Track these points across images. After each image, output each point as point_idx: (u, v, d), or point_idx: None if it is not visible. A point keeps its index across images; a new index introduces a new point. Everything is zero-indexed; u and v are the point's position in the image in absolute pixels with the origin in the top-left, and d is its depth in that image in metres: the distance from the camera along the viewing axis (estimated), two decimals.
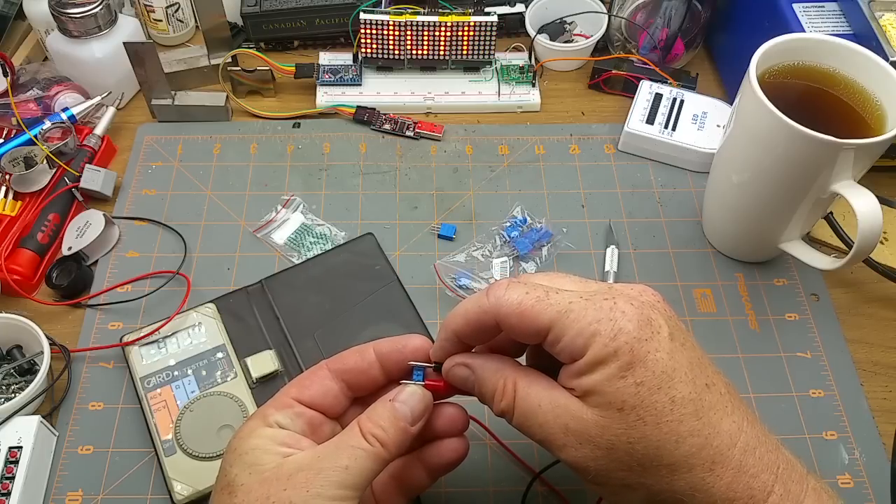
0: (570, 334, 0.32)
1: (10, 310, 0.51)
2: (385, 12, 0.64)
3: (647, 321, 0.32)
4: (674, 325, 0.33)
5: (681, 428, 0.32)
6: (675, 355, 0.32)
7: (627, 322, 0.32)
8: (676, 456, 0.32)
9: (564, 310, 0.33)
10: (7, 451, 0.44)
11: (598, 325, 0.32)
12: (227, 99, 0.64)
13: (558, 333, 0.33)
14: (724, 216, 0.55)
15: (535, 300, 0.33)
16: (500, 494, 0.45)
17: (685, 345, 0.33)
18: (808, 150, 0.44)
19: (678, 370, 0.32)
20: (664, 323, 0.33)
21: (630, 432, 0.32)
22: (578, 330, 0.32)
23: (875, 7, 0.55)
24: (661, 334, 0.32)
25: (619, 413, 0.32)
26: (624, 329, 0.32)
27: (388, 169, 0.62)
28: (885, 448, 0.47)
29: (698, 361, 0.33)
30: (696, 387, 0.32)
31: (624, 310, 0.33)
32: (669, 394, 0.32)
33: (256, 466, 0.33)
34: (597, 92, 0.68)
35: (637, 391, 0.32)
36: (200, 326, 0.50)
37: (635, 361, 0.32)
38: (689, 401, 0.32)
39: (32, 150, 0.58)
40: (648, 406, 0.31)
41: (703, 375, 0.33)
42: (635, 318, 0.32)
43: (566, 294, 0.34)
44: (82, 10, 0.61)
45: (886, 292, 0.55)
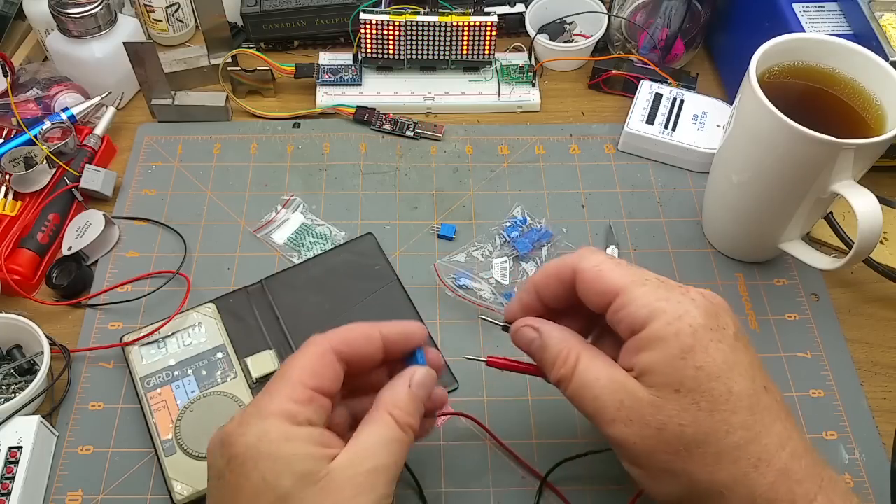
0: (637, 304, 0.33)
1: (10, 310, 0.51)
2: (385, 12, 0.64)
3: (714, 314, 0.33)
4: (739, 328, 0.34)
5: (733, 419, 0.32)
6: (737, 352, 0.33)
7: (695, 308, 0.33)
8: (724, 445, 0.32)
9: (638, 282, 0.34)
10: (7, 451, 0.44)
11: (666, 304, 0.33)
12: (227, 99, 0.64)
13: (625, 300, 0.34)
14: (724, 216, 0.55)
15: (614, 265, 0.35)
16: (500, 494, 0.45)
17: (748, 348, 0.34)
18: (808, 150, 0.44)
19: (739, 364, 0.33)
20: (731, 322, 0.34)
21: (683, 415, 0.32)
22: (645, 302, 0.33)
23: (875, 7, 0.55)
24: (727, 330, 0.33)
25: (675, 394, 0.32)
26: (690, 313, 0.33)
27: (388, 169, 0.62)
28: (885, 448, 0.47)
29: (759, 365, 0.34)
30: (755, 385, 0.33)
31: (695, 298, 0.34)
32: (728, 384, 0.32)
33: (311, 476, 0.31)
34: (597, 92, 0.68)
35: (696, 374, 0.32)
36: (200, 326, 0.50)
37: (697, 346, 0.32)
38: (745, 395, 0.32)
39: (32, 150, 0.58)
40: (705, 391, 0.32)
41: (762, 378, 0.34)
42: (703, 308, 0.33)
43: (646, 272, 0.35)
44: (82, 10, 0.61)
45: (886, 292, 0.55)
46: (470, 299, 0.52)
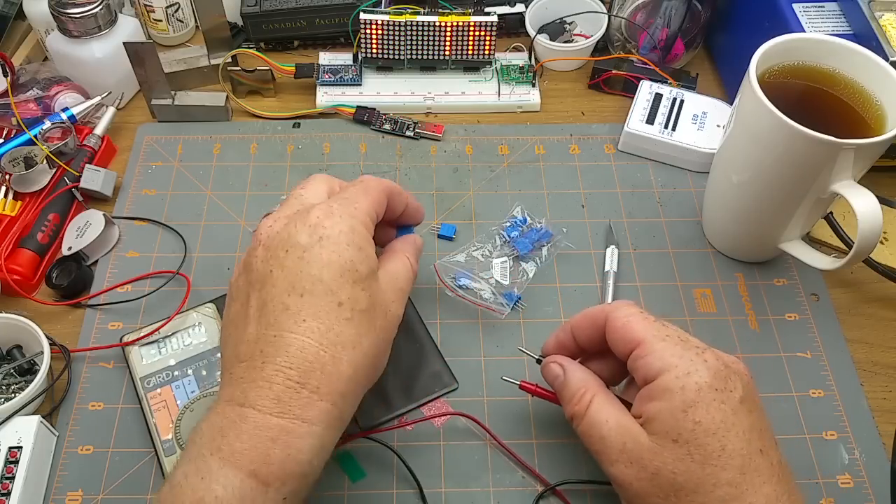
0: (653, 356, 0.37)
1: (10, 310, 0.51)
2: (385, 12, 0.64)
3: (724, 377, 0.36)
4: (749, 395, 0.37)
5: (722, 474, 0.35)
6: (738, 414, 0.36)
7: (705, 369, 0.36)
8: (711, 497, 0.35)
9: (659, 336, 0.38)
10: (7, 451, 0.44)
11: (679, 360, 0.36)
12: (227, 99, 0.64)
13: (644, 351, 0.37)
14: (724, 216, 0.55)
15: (641, 318, 0.39)
16: (500, 494, 0.45)
17: (753, 412, 0.36)
18: (808, 150, 0.44)
19: (737, 426, 0.35)
20: (741, 387, 0.36)
21: (677, 463, 0.35)
22: (661, 356, 0.37)
23: (875, 7, 0.55)
24: (733, 393, 0.36)
25: (672, 444, 0.35)
26: (699, 372, 0.36)
27: (388, 169, 0.62)
28: (885, 448, 0.47)
29: (760, 429, 0.36)
30: (750, 447, 0.35)
31: (707, 359, 0.37)
32: (722, 442, 0.35)
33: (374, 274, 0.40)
34: (597, 92, 0.68)
35: (693, 428, 0.35)
36: (200, 326, 0.50)
37: (699, 402, 0.35)
38: (738, 455, 0.35)
39: (32, 150, 0.58)
40: (700, 445, 0.35)
41: (759, 441, 0.36)
42: (713, 369, 0.36)
43: (671, 329, 0.39)
44: (82, 10, 0.61)
45: (886, 292, 0.55)
46: (470, 299, 0.52)
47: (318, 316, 0.37)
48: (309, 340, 0.36)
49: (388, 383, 0.48)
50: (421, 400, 0.48)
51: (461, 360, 0.51)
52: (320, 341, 0.37)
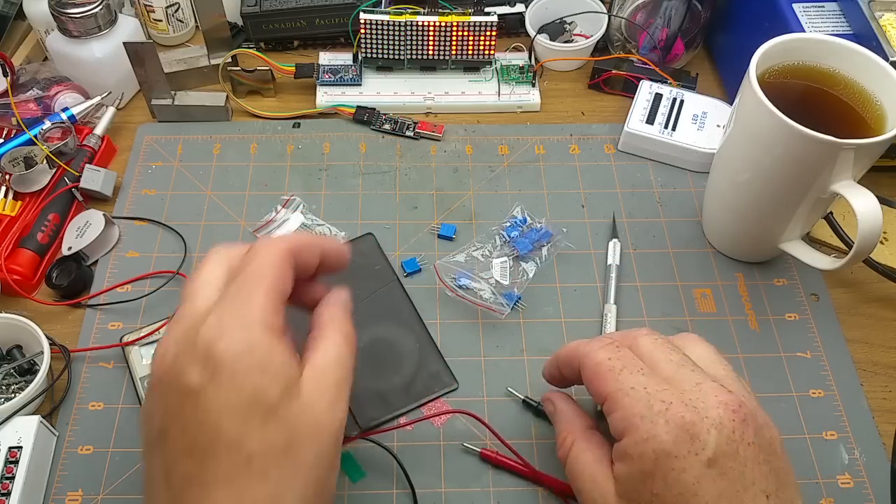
0: (617, 415, 0.34)
1: (10, 310, 0.51)
2: (385, 12, 0.64)
3: (689, 437, 0.32)
4: (725, 451, 0.32)
5: None
6: (702, 481, 0.32)
7: (666, 433, 0.32)
8: None
9: (624, 391, 0.35)
10: (7, 451, 0.44)
11: (640, 421, 0.33)
12: (227, 99, 0.64)
13: (609, 407, 0.35)
14: (724, 216, 0.55)
15: (608, 369, 0.36)
16: (500, 494, 0.45)
17: (726, 475, 0.32)
18: (808, 150, 0.44)
19: (699, 497, 0.32)
20: (713, 444, 0.32)
21: None
22: (623, 415, 0.34)
23: (875, 7, 0.55)
24: (699, 456, 0.32)
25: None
26: (658, 437, 0.32)
27: (388, 169, 0.62)
28: (885, 448, 0.47)
29: (734, 493, 0.32)
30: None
31: (670, 418, 0.33)
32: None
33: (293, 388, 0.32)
34: (597, 92, 0.68)
35: (650, 499, 0.33)
36: None
37: (656, 473, 0.32)
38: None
39: (32, 150, 0.58)
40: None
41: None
42: (675, 430, 0.32)
43: (640, 378, 0.35)
44: (82, 10, 0.61)
45: (886, 292, 0.55)
46: (470, 299, 0.52)
47: (227, 482, 0.30)
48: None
49: (388, 383, 0.49)
50: (421, 399, 0.48)
51: (461, 359, 0.51)
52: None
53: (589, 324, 0.53)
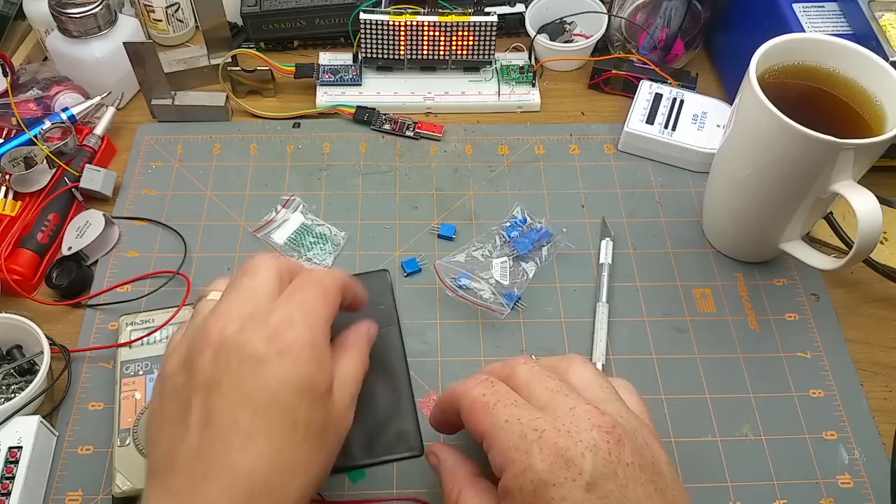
0: (494, 451, 0.33)
1: (10, 310, 0.51)
2: (385, 12, 0.64)
3: (565, 463, 0.31)
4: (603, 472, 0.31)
5: None
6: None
7: (541, 461, 0.31)
8: None
9: (498, 425, 0.34)
10: (7, 451, 0.44)
11: (515, 454, 0.32)
12: (227, 99, 0.64)
13: (488, 445, 0.34)
14: (724, 216, 0.55)
15: (482, 405, 0.35)
16: None
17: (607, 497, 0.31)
18: (808, 150, 0.44)
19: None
20: (590, 468, 0.31)
21: None
22: (500, 450, 0.33)
23: (875, 7, 0.55)
24: (577, 481, 0.31)
25: None
26: (534, 467, 0.31)
27: (388, 169, 0.62)
28: (885, 448, 0.47)
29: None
30: None
31: (544, 446, 0.32)
32: None
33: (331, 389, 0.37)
34: (597, 92, 0.68)
35: None
36: None
37: None
38: None
39: (32, 150, 0.58)
40: None
41: None
42: (551, 457, 0.31)
43: (512, 411, 0.34)
44: (82, 10, 0.61)
45: (886, 292, 0.55)
46: (470, 299, 0.52)
47: (270, 437, 0.34)
48: (259, 463, 0.33)
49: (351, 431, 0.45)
50: (381, 458, 0.46)
51: (461, 359, 0.51)
52: (271, 465, 0.34)
53: (589, 324, 0.53)
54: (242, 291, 0.38)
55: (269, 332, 0.35)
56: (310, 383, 0.35)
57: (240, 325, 0.36)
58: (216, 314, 0.37)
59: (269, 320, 0.36)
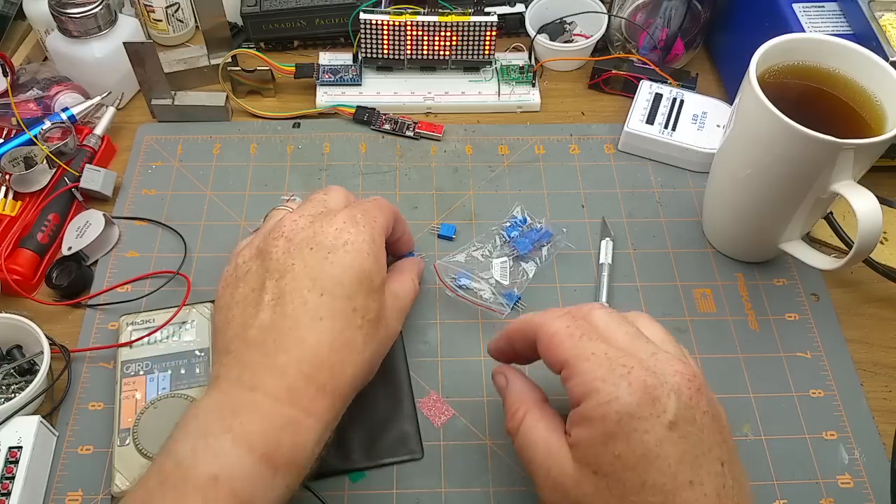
0: (576, 380, 0.34)
1: (10, 310, 0.51)
2: (385, 12, 0.64)
3: (651, 400, 0.33)
4: (684, 416, 0.33)
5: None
6: (664, 443, 0.32)
7: (629, 395, 0.33)
8: None
9: (583, 356, 0.35)
10: (7, 451, 0.44)
11: (602, 384, 0.33)
12: (227, 99, 0.64)
13: (569, 373, 0.35)
14: (724, 216, 0.55)
15: (567, 336, 0.36)
16: (500, 494, 0.45)
17: (686, 438, 0.33)
18: (808, 150, 0.44)
19: (661, 458, 0.32)
20: (672, 410, 0.33)
21: (596, 496, 0.33)
22: (584, 380, 0.34)
23: (875, 7, 0.55)
24: (661, 418, 0.32)
25: (593, 475, 0.33)
26: (621, 398, 0.33)
27: (388, 169, 0.62)
28: (885, 448, 0.47)
29: (694, 458, 0.33)
30: (676, 481, 0.32)
31: (633, 381, 0.33)
32: (642, 477, 0.32)
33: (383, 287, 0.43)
34: (597, 92, 0.68)
35: (612, 462, 0.33)
36: (193, 324, 0.50)
37: (619, 433, 0.32)
38: (660, 490, 0.32)
39: (32, 150, 0.58)
40: (619, 480, 0.33)
41: (690, 472, 0.33)
42: (640, 392, 0.33)
43: (599, 345, 0.35)
44: (82, 10, 0.61)
45: (886, 292, 0.55)
46: (470, 299, 0.52)
47: (334, 317, 0.38)
48: (324, 340, 0.38)
49: (351, 433, 0.46)
50: (380, 461, 0.46)
51: (461, 360, 0.51)
52: (333, 342, 0.38)
53: None
54: (314, 201, 0.44)
55: (338, 226, 0.41)
56: (368, 274, 0.40)
57: (311, 220, 0.41)
58: (290, 214, 0.42)
59: (337, 218, 0.41)
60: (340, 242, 0.40)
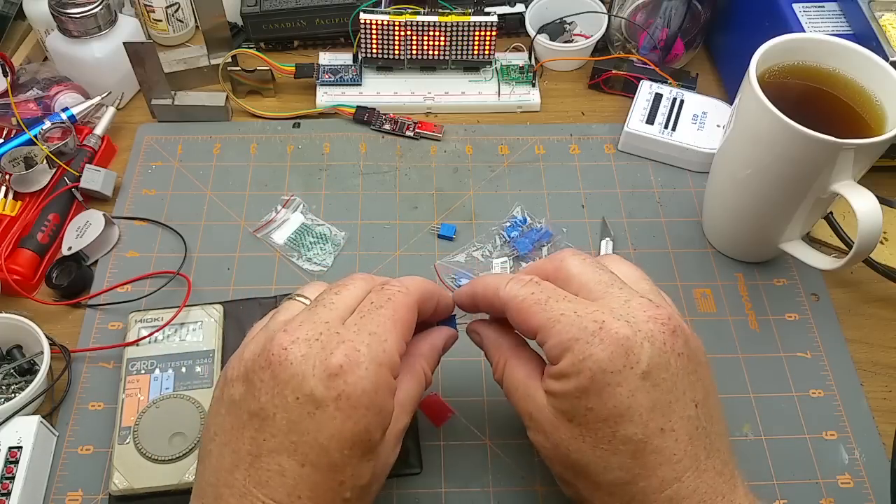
0: (551, 342, 0.35)
1: (10, 310, 0.51)
2: (385, 12, 0.64)
3: (624, 352, 0.33)
4: (658, 363, 0.33)
5: (612, 459, 0.34)
6: (636, 394, 0.33)
7: (601, 351, 0.33)
8: (601, 479, 0.34)
9: (553, 319, 0.35)
10: (7, 451, 0.44)
11: (575, 344, 0.34)
12: (227, 99, 0.64)
13: (542, 338, 0.36)
14: (724, 216, 0.55)
15: (533, 302, 0.36)
16: (500, 494, 0.45)
17: (658, 386, 0.33)
18: (808, 150, 0.44)
19: (632, 409, 0.33)
20: (646, 359, 0.33)
21: (570, 442, 0.35)
22: (558, 342, 0.34)
23: (875, 7, 0.55)
24: (634, 370, 0.33)
25: (568, 423, 0.35)
26: (594, 356, 0.33)
27: (388, 169, 0.62)
28: (885, 448, 0.47)
29: (666, 405, 0.33)
30: (648, 430, 0.33)
31: (604, 337, 0.33)
32: (613, 428, 0.33)
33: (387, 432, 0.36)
34: (597, 92, 0.68)
35: (585, 413, 0.34)
36: (200, 326, 0.50)
37: (592, 389, 0.33)
38: (630, 440, 0.33)
39: (32, 150, 0.58)
40: (591, 429, 0.34)
41: (662, 420, 0.33)
42: (611, 347, 0.33)
43: (567, 304, 0.35)
44: (82, 10, 0.61)
45: (886, 292, 0.55)
46: None
47: (314, 495, 0.33)
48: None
49: None
50: None
51: (461, 360, 0.51)
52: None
53: None
54: (322, 307, 0.36)
55: (332, 369, 0.33)
56: (364, 435, 0.33)
57: (306, 349, 0.33)
58: (289, 326, 0.34)
59: (335, 353, 0.33)
60: (332, 396, 0.32)
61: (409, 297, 0.37)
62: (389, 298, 0.36)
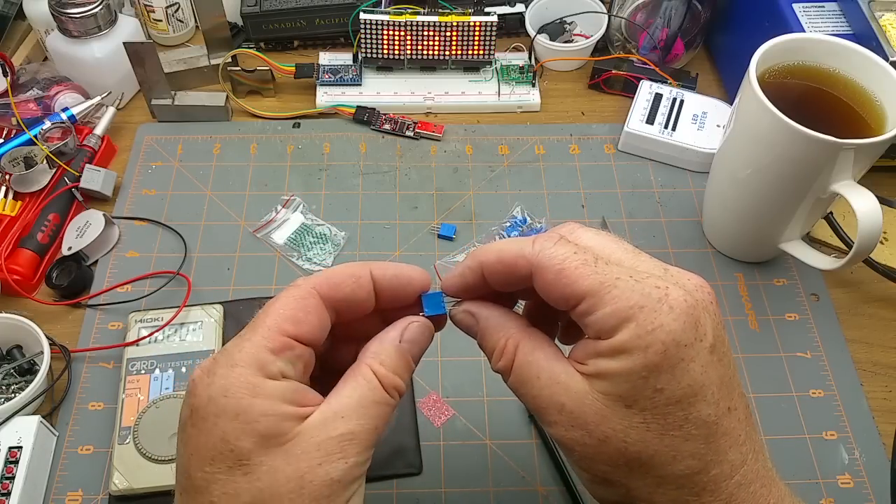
0: (606, 310, 0.29)
1: (10, 310, 0.51)
2: (385, 12, 0.64)
3: (694, 323, 0.28)
4: (718, 335, 0.29)
5: (684, 446, 0.29)
6: (708, 370, 0.29)
7: (673, 320, 0.28)
8: (669, 471, 0.29)
9: (609, 283, 0.29)
10: (7, 451, 0.44)
11: (639, 312, 0.28)
12: (227, 99, 0.64)
13: (592, 305, 0.29)
14: (724, 216, 0.55)
15: (580, 262, 0.30)
16: (500, 494, 0.45)
17: (722, 360, 0.29)
18: (808, 150, 0.44)
19: (706, 388, 0.29)
20: (710, 330, 0.29)
21: (629, 432, 0.29)
22: (615, 309, 0.28)
23: (875, 7, 0.55)
24: (703, 343, 0.29)
25: (625, 409, 0.29)
26: (666, 326, 0.28)
27: (388, 169, 0.62)
28: (885, 448, 0.47)
29: (728, 380, 0.30)
30: (719, 409, 0.29)
31: (673, 304, 0.28)
32: (686, 410, 0.29)
33: (276, 438, 0.28)
34: (597, 92, 0.68)
35: (653, 396, 0.28)
36: (200, 326, 0.50)
37: (664, 366, 0.28)
38: (703, 423, 0.29)
39: (32, 150, 0.58)
40: (659, 414, 0.29)
41: (728, 398, 0.29)
42: (683, 316, 0.28)
43: (617, 269, 0.29)
44: (82, 10, 0.61)
45: (886, 292, 0.55)
46: None
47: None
48: None
49: None
50: (378, 472, 0.45)
51: (461, 360, 0.51)
52: None
53: None
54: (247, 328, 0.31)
55: (189, 387, 0.30)
56: (223, 446, 0.28)
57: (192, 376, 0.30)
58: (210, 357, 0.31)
59: (194, 373, 0.30)
60: (187, 414, 0.29)
61: (299, 290, 0.31)
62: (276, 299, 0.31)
